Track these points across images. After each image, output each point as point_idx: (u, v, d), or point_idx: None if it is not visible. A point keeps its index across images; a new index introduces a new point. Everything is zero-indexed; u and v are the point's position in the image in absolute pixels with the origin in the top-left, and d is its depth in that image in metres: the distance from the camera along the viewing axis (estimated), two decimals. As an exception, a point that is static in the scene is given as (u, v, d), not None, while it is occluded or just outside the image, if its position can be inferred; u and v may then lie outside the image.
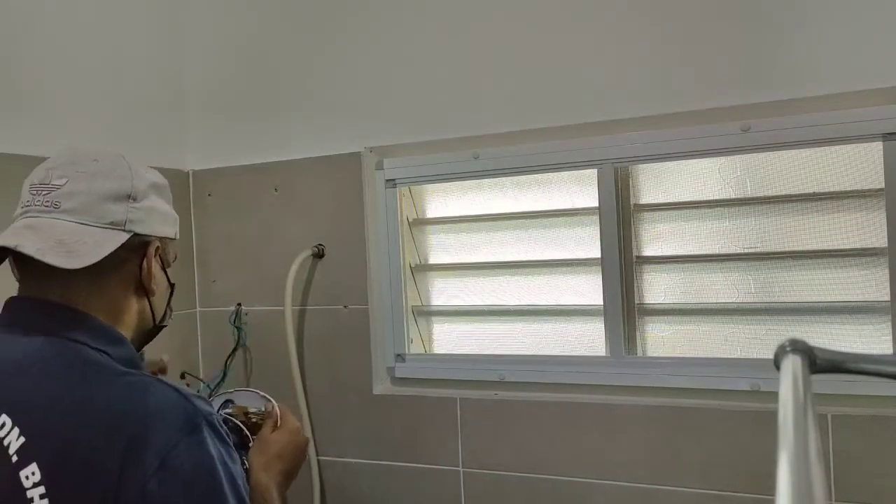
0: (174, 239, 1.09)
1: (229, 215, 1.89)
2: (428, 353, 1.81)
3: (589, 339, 1.63)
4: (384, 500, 1.73)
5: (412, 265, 1.79)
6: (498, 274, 1.73)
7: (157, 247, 1.03)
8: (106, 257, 0.94)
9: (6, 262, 0.98)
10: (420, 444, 1.69)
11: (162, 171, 1.88)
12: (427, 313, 1.82)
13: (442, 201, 1.80)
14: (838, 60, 1.34)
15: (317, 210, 1.79)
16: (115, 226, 0.96)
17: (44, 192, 0.95)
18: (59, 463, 0.84)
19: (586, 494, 1.53)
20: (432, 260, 1.83)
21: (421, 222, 1.82)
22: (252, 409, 1.51)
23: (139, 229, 0.99)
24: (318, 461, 1.78)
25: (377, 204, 1.75)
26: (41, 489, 0.83)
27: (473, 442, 1.64)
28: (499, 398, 1.63)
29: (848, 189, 1.41)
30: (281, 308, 1.74)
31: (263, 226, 1.85)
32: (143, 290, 1.02)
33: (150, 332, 1.08)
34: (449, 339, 1.81)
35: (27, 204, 0.96)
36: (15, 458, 0.84)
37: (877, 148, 1.36)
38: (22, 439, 0.85)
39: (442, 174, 1.70)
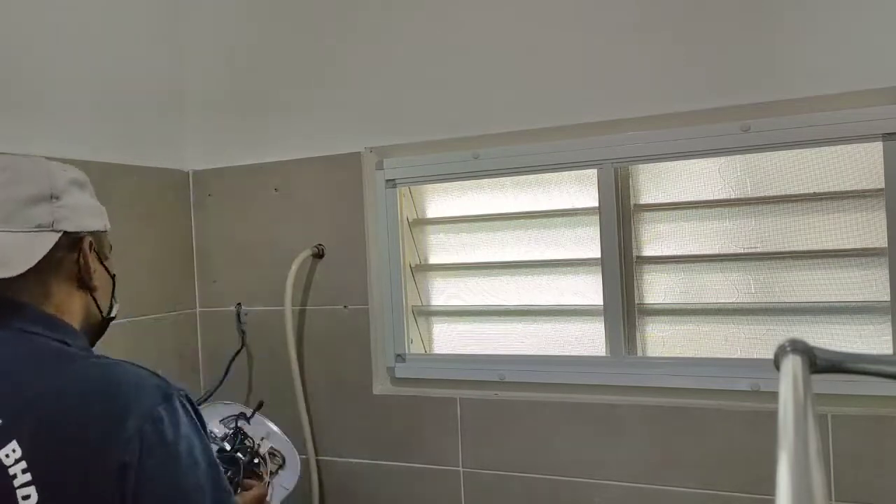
0: (106, 231, 1.10)
1: (229, 215, 1.89)
2: (428, 353, 1.81)
3: (589, 339, 1.63)
4: (384, 500, 1.73)
5: (412, 265, 1.79)
6: (498, 274, 1.73)
7: (90, 241, 1.05)
8: (43, 259, 0.97)
9: None
10: (420, 444, 1.69)
11: (162, 171, 1.90)
12: (427, 313, 1.82)
13: (442, 201, 1.80)
14: (838, 60, 1.34)
15: (317, 210, 1.79)
16: (43, 228, 0.98)
17: None
18: (39, 440, 0.88)
19: (586, 494, 1.53)
20: (432, 260, 1.83)
21: (421, 222, 1.82)
22: (269, 442, 1.50)
23: (68, 227, 1.01)
24: (318, 461, 1.78)
25: (377, 204, 1.75)
26: (23, 464, 0.86)
27: (473, 442, 1.64)
28: (499, 398, 1.63)
29: (848, 189, 1.41)
30: (281, 308, 1.74)
31: (263, 226, 1.85)
32: (86, 286, 1.05)
33: (99, 326, 1.10)
34: (449, 339, 1.81)
35: None
36: None
37: (877, 148, 1.36)
38: None
39: (442, 174, 1.70)
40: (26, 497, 0.86)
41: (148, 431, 0.88)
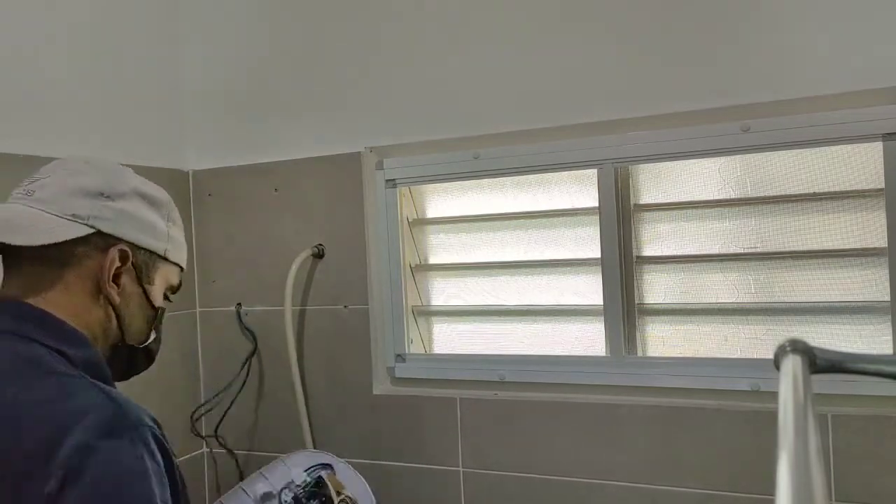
0: (163, 258, 1.03)
1: (229, 215, 1.89)
2: (428, 353, 1.81)
3: (589, 339, 1.63)
4: (384, 500, 1.73)
5: (412, 265, 1.79)
6: (498, 274, 1.73)
7: (126, 253, 0.97)
8: (64, 252, 0.92)
9: None
10: (420, 444, 1.69)
11: (162, 171, 1.90)
12: (427, 313, 1.82)
13: (442, 201, 1.80)
14: (838, 60, 1.34)
15: (317, 210, 1.79)
16: (77, 219, 0.93)
17: (26, 183, 0.96)
18: None
19: (586, 494, 1.53)
20: (432, 260, 1.83)
21: (421, 222, 1.82)
22: (347, 492, 1.46)
23: (104, 228, 0.95)
24: (318, 461, 1.78)
25: (377, 204, 1.75)
26: None
27: (473, 442, 1.64)
28: (499, 398, 1.63)
29: (848, 189, 1.41)
30: (281, 308, 1.74)
31: (263, 226, 1.85)
32: (104, 294, 0.96)
33: (124, 351, 1.02)
34: (449, 339, 1.81)
35: (12, 194, 0.97)
36: None
37: (877, 148, 1.36)
38: None
39: (442, 174, 1.70)
40: None
41: (74, 464, 0.79)
